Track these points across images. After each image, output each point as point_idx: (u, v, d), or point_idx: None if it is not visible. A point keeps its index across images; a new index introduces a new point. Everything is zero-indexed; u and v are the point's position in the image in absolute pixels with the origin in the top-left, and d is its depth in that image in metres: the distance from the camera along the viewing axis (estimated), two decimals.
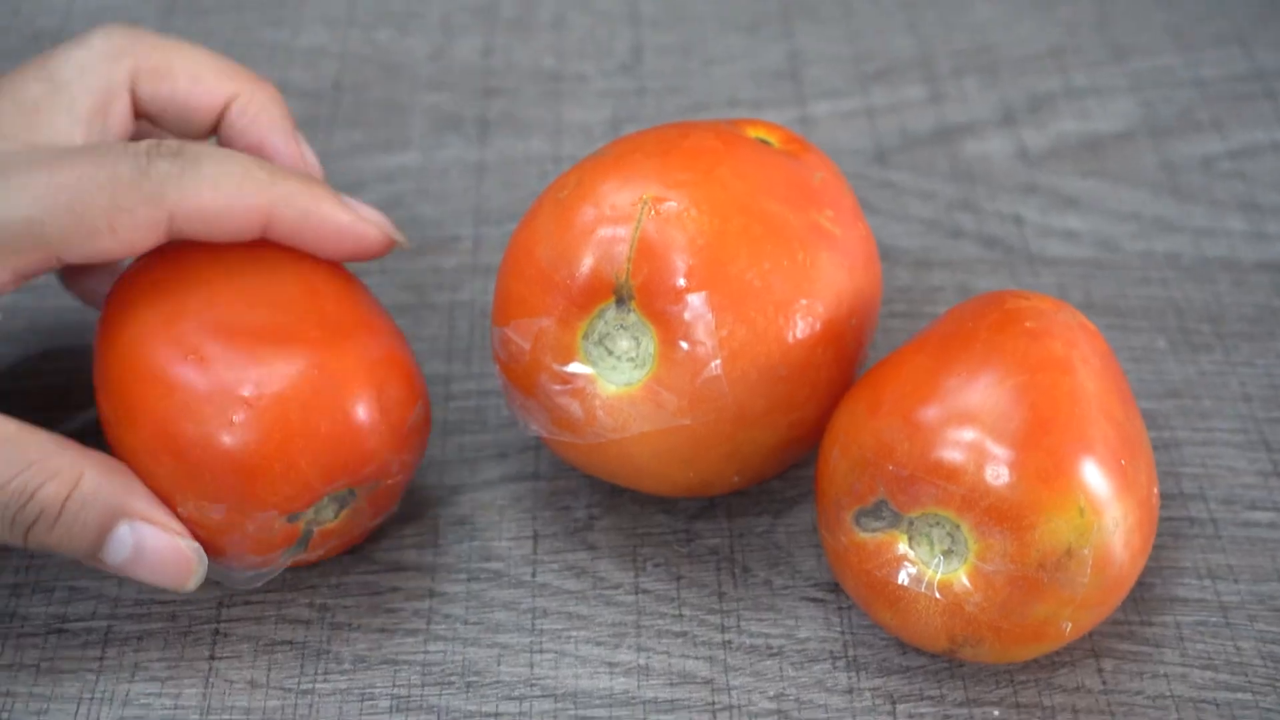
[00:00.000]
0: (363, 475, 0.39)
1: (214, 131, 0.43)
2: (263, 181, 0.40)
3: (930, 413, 0.37)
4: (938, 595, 0.37)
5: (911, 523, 0.37)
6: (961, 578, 0.37)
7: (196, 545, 0.39)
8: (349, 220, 0.41)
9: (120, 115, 0.42)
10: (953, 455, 0.36)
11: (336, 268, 0.42)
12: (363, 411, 0.39)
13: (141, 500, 0.39)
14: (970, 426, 0.36)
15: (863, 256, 0.42)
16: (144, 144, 0.39)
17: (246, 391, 0.38)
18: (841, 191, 0.42)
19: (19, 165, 0.38)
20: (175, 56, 0.42)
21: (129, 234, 0.39)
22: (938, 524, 0.37)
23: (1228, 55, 0.60)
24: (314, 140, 0.56)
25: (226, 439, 0.38)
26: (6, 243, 0.38)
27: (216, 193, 0.39)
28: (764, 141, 0.43)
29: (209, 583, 0.43)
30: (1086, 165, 0.55)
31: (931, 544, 0.37)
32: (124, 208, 0.38)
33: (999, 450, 0.36)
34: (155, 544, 0.38)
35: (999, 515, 0.36)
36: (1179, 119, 0.57)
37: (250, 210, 0.39)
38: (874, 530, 0.38)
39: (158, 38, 0.43)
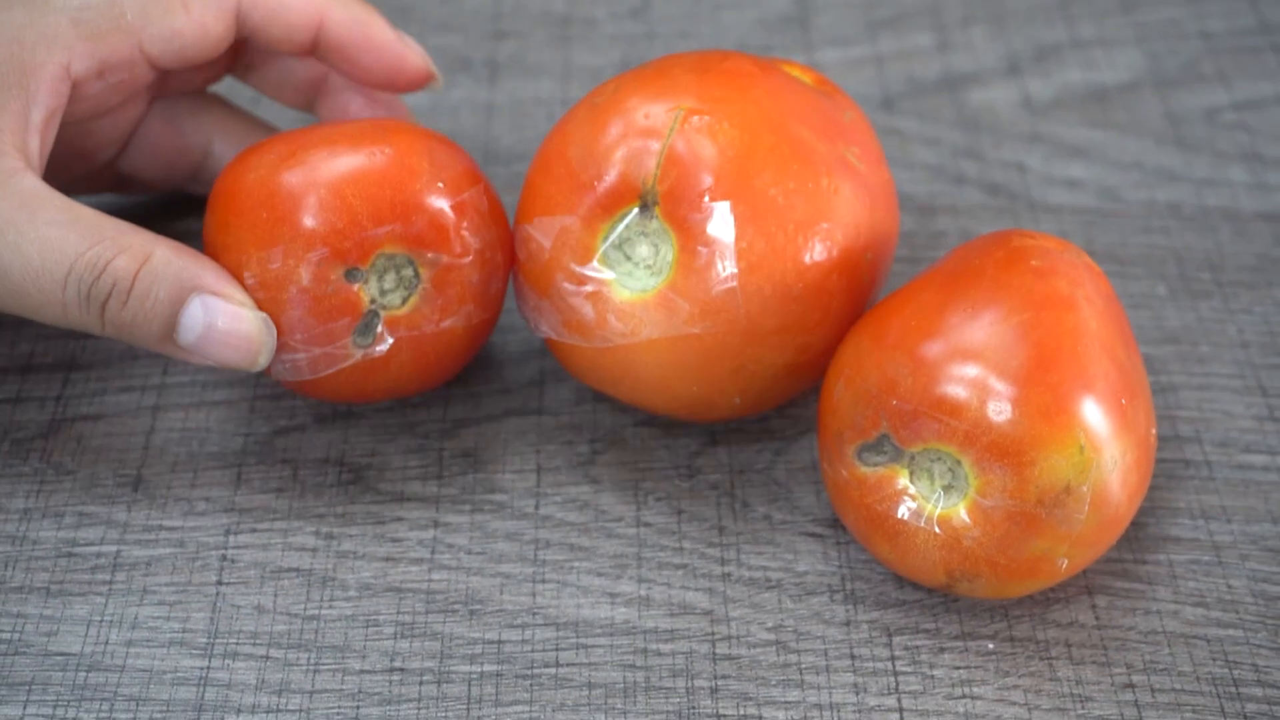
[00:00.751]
0: (417, 229, 0.40)
1: (312, 48, 0.44)
2: None
3: (934, 348, 0.37)
4: (937, 530, 0.38)
5: (913, 457, 0.38)
6: (961, 513, 0.38)
7: (264, 316, 0.40)
8: (394, 39, 0.44)
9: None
10: (956, 391, 0.37)
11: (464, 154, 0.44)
12: (410, 156, 0.40)
13: (211, 274, 0.40)
14: (974, 362, 0.37)
15: (884, 197, 0.42)
16: None
17: (306, 146, 0.41)
18: (868, 134, 0.43)
19: None
20: None
21: (201, 13, 0.42)
22: (939, 459, 0.38)
23: (1234, 8, 0.60)
24: None
25: (281, 175, 0.40)
26: (90, 24, 0.41)
27: None
28: (798, 79, 0.43)
29: (223, 508, 0.43)
30: (1091, 115, 0.55)
31: (932, 479, 0.38)
32: None
33: (1001, 386, 0.37)
34: (225, 318, 0.39)
35: (1000, 451, 0.37)
36: (1184, 70, 0.57)
37: (310, 4, 0.43)
38: (875, 464, 0.38)
39: None
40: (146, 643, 0.40)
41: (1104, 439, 0.37)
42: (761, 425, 0.45)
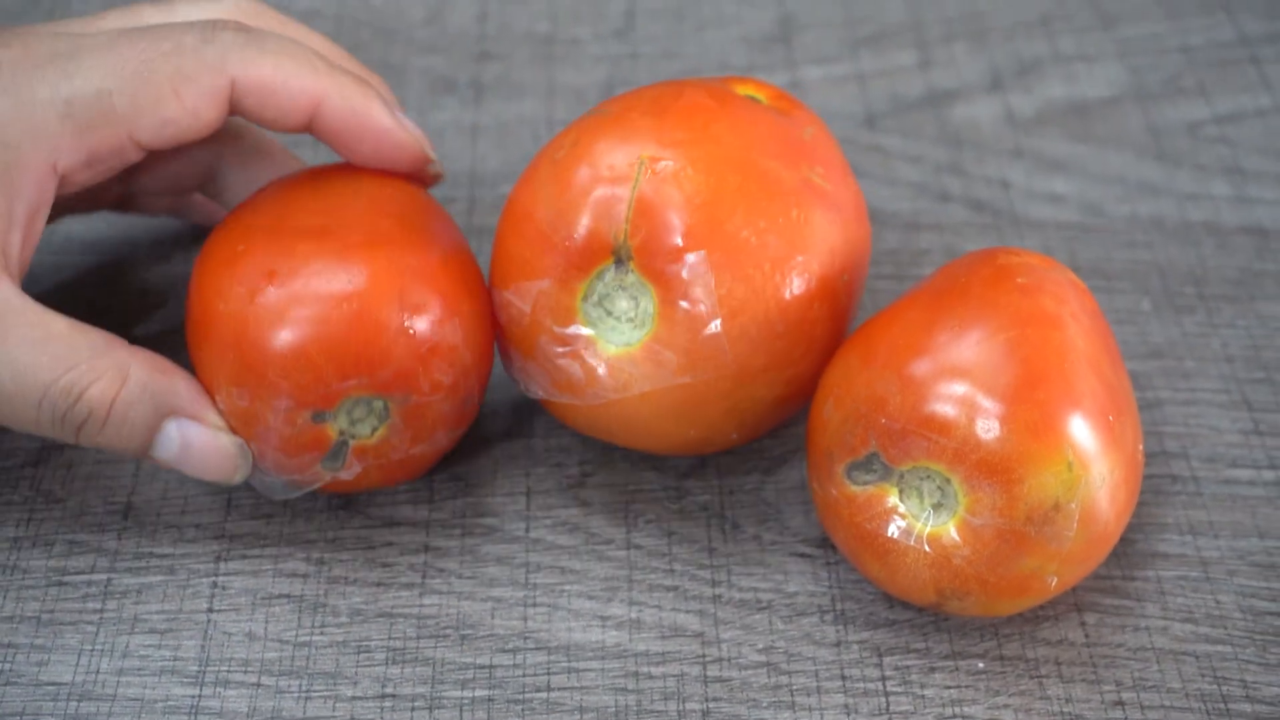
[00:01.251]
0: (383, 379, 0.40)
1: (307, 129, 0.42)
2: (320, 69, 0.41)
3: (922, 366, 0.38)
4: (927, 548, 0.38)
5: (902, 476, 0.38)
6: (950, 531, 0.38)
7: (239, 440, 0.40)
8: (391, 124, 0.42)
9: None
10: (944, 409, 0.37)
11: (418, 197, 0.43)
12: (377, 308, 0.39)
13: (186, 398, 0.40)
14: (962, 380, 0.37)
15: (853, 211, 0.42)
16: (209, 20, 0.41)
17: (271, 278, 0.39)
18: (831, 147, 0.43)
19: (92, 47, 0.40)
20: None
21: (194, 100, 0.40)
22: (928, 477, 0.38)
23: (1214, 22, 0.60)
24: None
25: (247, 320, 0.39)
26: (79, 116, 0.39)
27: (276, 70, 0.40)
28: (754, 99, 0.43)
29: (213, 535, 0.43)
30: (1073, 130, 0.56)
31: (921, 497, 0.38)
32: (188, 74, 0.40)
33: (990, 404, 0.37)
34: (200, 441, 0.40)
35: (989, 469, 0.37)
36: (1165, 85, 0.57)
37: (304, 92, 0.41)
38: (865, 483, 0.39)
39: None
40: (137, 671, 0.40)
41: (1092, 456, 0.37)
42: (750, 446, 0.46)
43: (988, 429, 0.37)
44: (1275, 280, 0.50)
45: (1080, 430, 0.37)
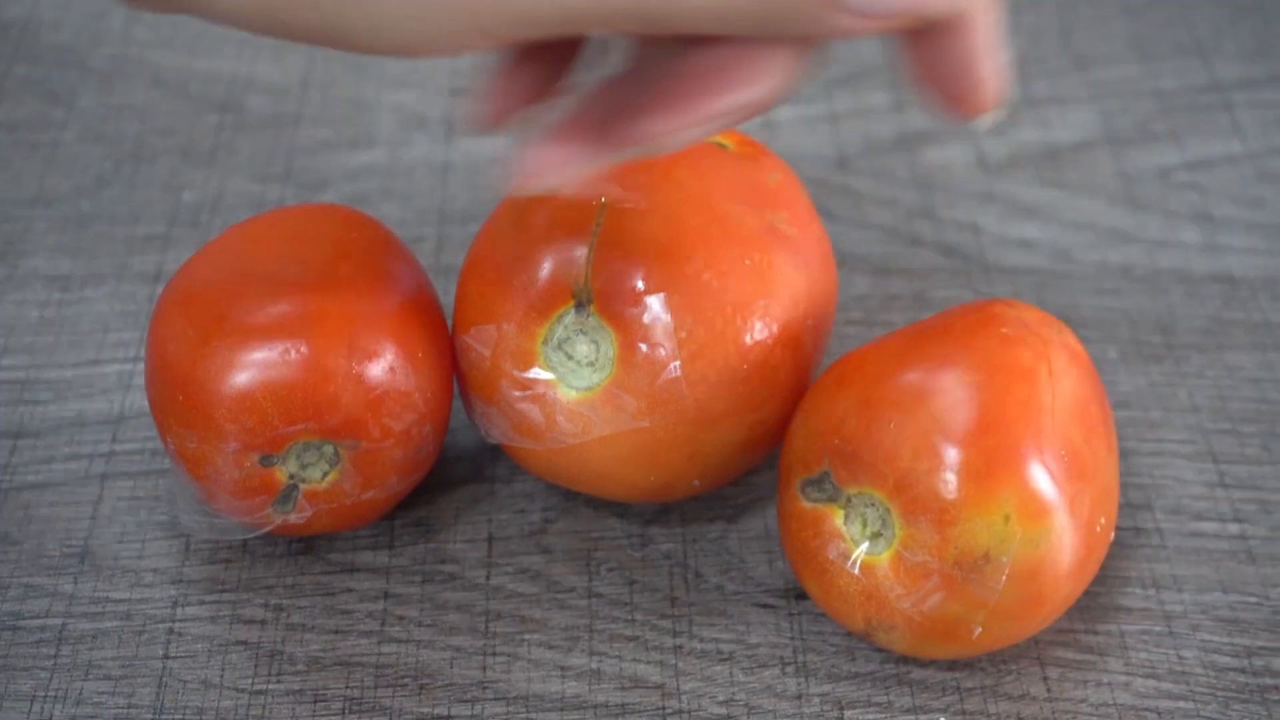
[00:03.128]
0: (331, 424, 0.39)
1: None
2: None
3: (883, 395, 0.38)
4: (859, 574, 0.38)
5: (849, 499, 0.38)
6: (884, 562, 0.38)
7: None
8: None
9: None
10: (893, 438, 0.37)
11: (381, 238, 0.43)
12: (325, 354, 0.39)
13: None
14: (917, 415, 0.37)
15: (818, 257, 0.42)
16: None
17: (221, 322, 0.39)
18: (797, 193, 0.43)
19: None
20: None
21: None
22: (872, 505, 0.38)
23: (1186, 67, 0.60)
24: (280, 138, 0.57)
25: (196, 364, 0.39)
26: None
27: None
28: (720, 145, 0.43)
29: (171, 580, 0.43)
30: (1045, 174, 0.56)
31: (864, 524, 0.38)
32: None
33: (938, 442, 0.37)
34: None
35: (925, 505, 0.37)
36: (1137, 130, 0.57)
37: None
38: (815, 500, 0.39)
39: None
40: (91, 719, 0.40)
41: (1033, 514, 0.37)
42: (714, 493, 0.45)
43: (931, 466, 0.37)
44: (1243, 330, 0.50)
45: (1025, 486, 0.37)
